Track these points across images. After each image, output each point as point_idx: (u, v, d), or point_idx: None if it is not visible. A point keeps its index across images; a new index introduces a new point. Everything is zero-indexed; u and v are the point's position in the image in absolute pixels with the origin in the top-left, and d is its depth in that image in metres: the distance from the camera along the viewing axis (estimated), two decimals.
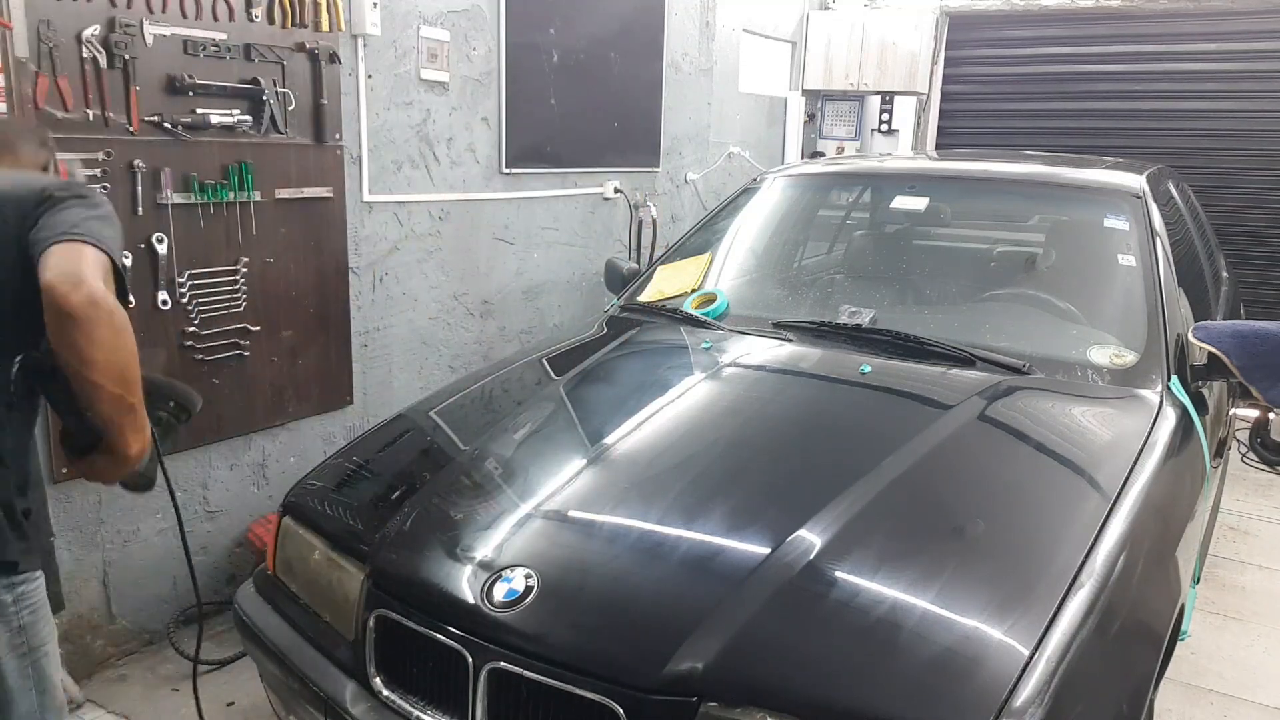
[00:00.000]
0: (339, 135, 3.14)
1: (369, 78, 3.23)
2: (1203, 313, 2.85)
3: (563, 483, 1.87)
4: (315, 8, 2.96)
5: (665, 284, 2.98)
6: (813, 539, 1.61)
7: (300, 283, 3.09)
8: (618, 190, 4.59)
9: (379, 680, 1.69)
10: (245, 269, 2.88)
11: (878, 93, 6.37)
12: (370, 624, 1.70)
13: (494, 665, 1.52)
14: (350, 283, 3.31)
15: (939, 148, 6.61)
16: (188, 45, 2.64)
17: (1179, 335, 2.37)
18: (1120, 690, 1.50)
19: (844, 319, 2.54)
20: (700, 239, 3.20)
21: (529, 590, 1.56)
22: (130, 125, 2.54)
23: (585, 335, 2.78)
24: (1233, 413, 3.01)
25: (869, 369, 2.28)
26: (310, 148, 3.06)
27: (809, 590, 1.52)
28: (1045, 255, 2.88)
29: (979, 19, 6.41)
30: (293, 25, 2.91)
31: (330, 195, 3.13)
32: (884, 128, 6.43)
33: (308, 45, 2.97)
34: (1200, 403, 2.33)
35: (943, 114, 6.65)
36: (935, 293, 2.80)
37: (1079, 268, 2.78)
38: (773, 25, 5.94)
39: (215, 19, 2.71)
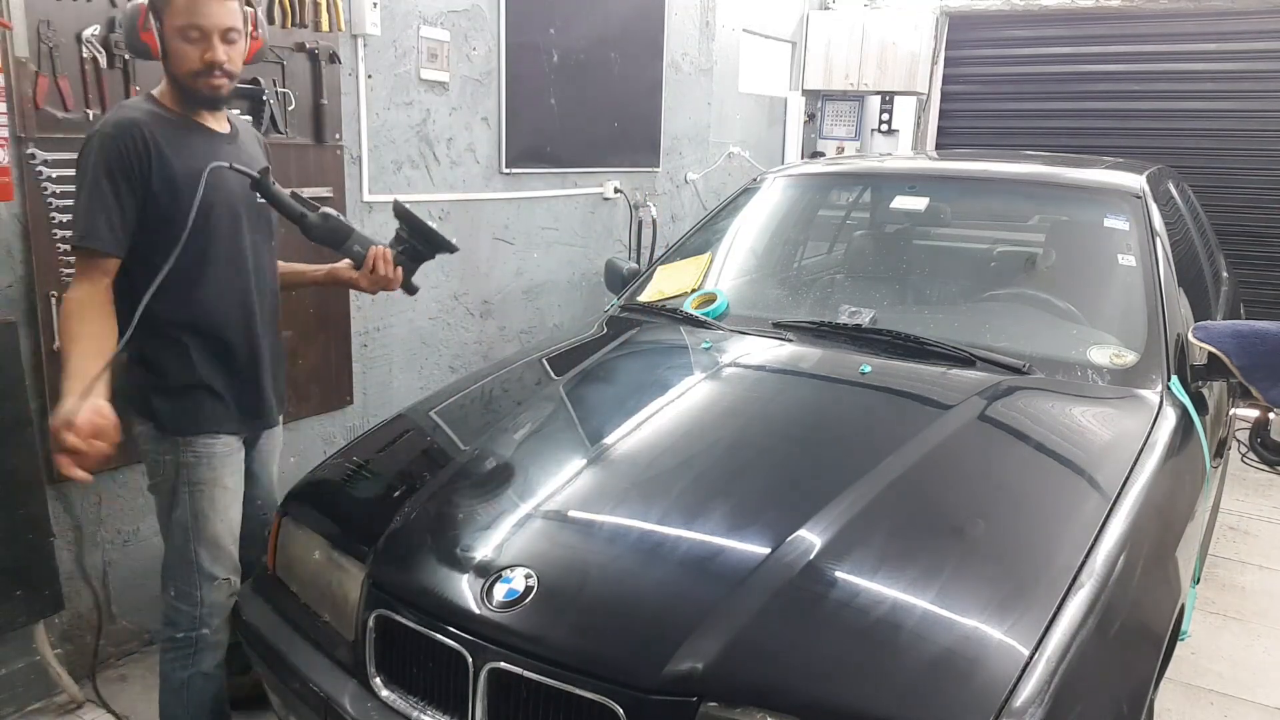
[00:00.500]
0: (339, 135, 3.14)
1: (369, 78, 3.23)
2: (1203, 313, 2.85)
3: (563, 483, 1.87)
4: (315, 8, 2.96)
5: (665, 284, 2.98)
6: (813, 539, 1.61)
7: None
8: (618, 190, 4.60)
9: (379, 680, 1.69)
10: None
11: (878, 93, 6.38)
12: (370, 624, 1.70)
13: (494, 665, 1.52)
14: None
15: (939, 148, 6.61)
16: None
17: (1179, 335, 2.37)
18: (1120, 690, 1.50)
19: (844, 319, 2.54)
20: (700, 239, 3.20)
21: (529, 590, 1.56)
22: None
23: (585, 335, 2.78)
24: (1233, 413, 3.01)
25: (869, 369, 2.28)
26: (310, 147, 3.06)
27: (809, 590, 1.52)
28: (1045, 255, 2.88)
29: (979, 19, 6.41)
30: (293, 25, 2.91)
31: (330, 195, 3.13)
32: (884, 128, 6.43)
33: (308, 45, 2.97)
34: (1200, 403, 2.33)
35: (943, 114, 6.65)
36: (935, 293, 2.80)
37: (1079, 268, 2.78)
38: (773, 25, 5.94)
39: None
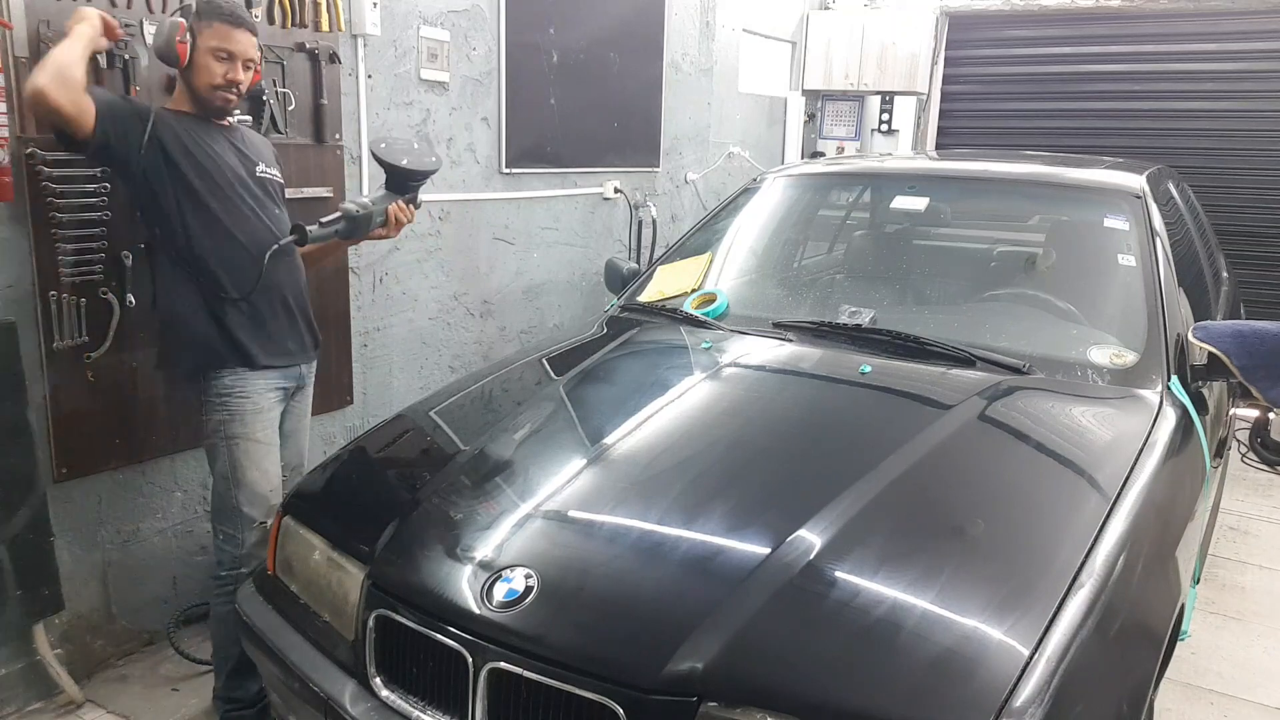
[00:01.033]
0: (339, 135, 3.14)
1: (369, 78, 3.23)
2: (1203, 313, 2.85)
3: (563, 483, 1.87)
4: (315, 8, 2.96)
5: (665, 284, 2.98)
6: (813, 539, 1.61)
7: None
8: (618, 190, 4.60)
9: (379, 680, 1.69)
10: None
11: (878, 93, 6.38)
12: (370, 624, 1.70)
13: (494, 665, 1.52)
14: (350, 283, 3.31)
15: (939, 148, 6.61)
16: None
17: (1179, 335, 2.37)
18: (1120, 690, 1.50)
19: (844, 319, 2.54)
20: (700, 239, 3.20)
21: (529, 590, 1.56)
22: None
23: (585, 335, 2.78)
24: (1233, 413, 3.01)
25: (869, 369, 2.28)
26: (310, 147, 3.06)
27: (809, 590, 1.52)
28: (1045, 255, 2.88)
29: (979, 19, 6.41)
30: (293, 25, 2.91)
31: (330, 195, 3.12)
32: (884, 128, 6.43)
33: (308, 45, 2.97)
34: (1200, 403, 2.33)
35: (943, 114, 6.65)
36: (935, 293, 2.80)
37: (1079, 268, 2.78)
38: (773, 25, 5.94)
39: None
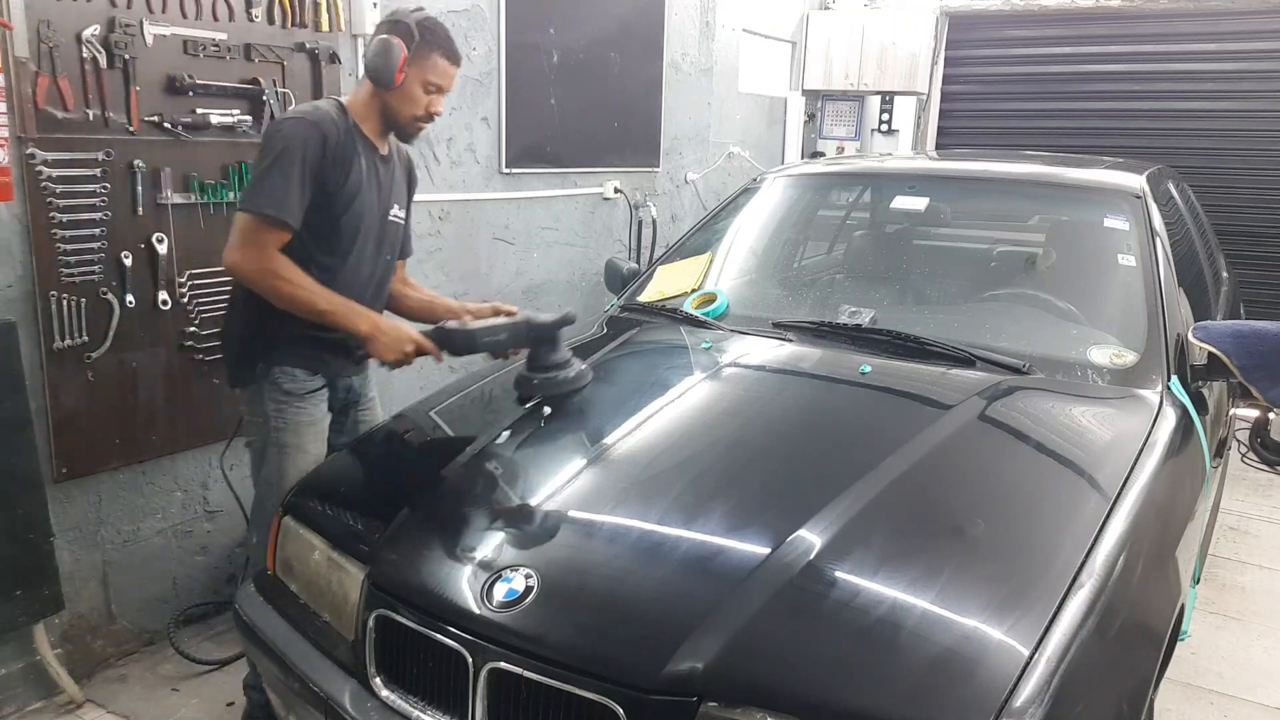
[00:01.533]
0: None
1: None
2: (1203, 313, 2.85)
3: (563, 483, 1.87)
4: (315, 8, 2.96)
5: (665, 284, 2.98)
6: (813, 539, 1.60)
7: None
8: (618, 190, 4.59)
9: (379, 680, 1.69)
10: None
11: (878, 93, 6.38)
12: (370, 624, 1.70)
13: (494, 665, 1.52)
14: None
15: (939, 148, 6.61)
16: (188, 45, 2.64)
17: (1179, 335, 2.37)
18: (1120, 690, 1.50)
19: (844, 319, 2.54)
20: (700, 239, 3.20)
21: (529, 590, 1.56)
22: (130, 125, 2.54)
23: (585, 335, 2.78)
24: (1233, 413, 3.01)
25: (869, 369, 2.28)
26: None
27: (809, 590, 1.52)
28: (1045, 255, 2.88)
29: (979, 19, 6.41)
30: (293, 25, 2.91)
31: None
32: (884, 128, 6.43)
33: (308, 45, 2.97)
34: (1200, 403, 2.33)
35: (943, 114, 6.65)
36: (935, 293, 2.80)
37: (1079, 268, 2.78)
38: (773, 25, 5.94)
39: (215, 19, 2.71)
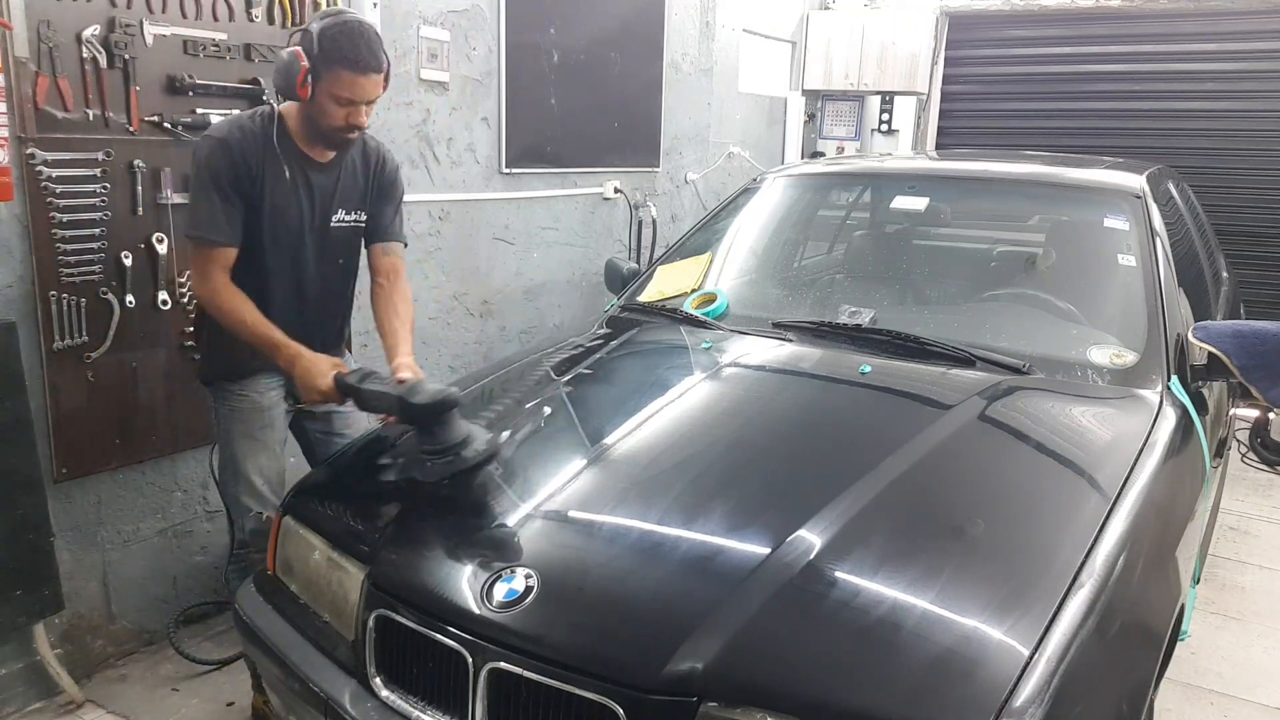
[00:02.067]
0: None
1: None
2: (1203, 313, 2.85)
3: (563, 483, 1.87)
4: (315, 8, 2.96)
5: (665, 284, 2.98)
6: (812, 539, 1.60)
7: None
8: (618, 190, 4.59)
9: (379, 680, 1.69)
10: None
11: (878, 93, 6.38)
12: (370, 624, 1.70)
13: (494, 665, 1.52)
14: None
15: (939, 148, 6.61)
16: (188, 45, 2.64)
17: (1179, 335, 2.37)
18: (1120, 690, 1.50)
19: (844, 319, 2.54)
20: (700, 239, 3.20)
21: (529, 590, 1.56)
22: (130, 125, 2.54)
23: (585, 335, 2.78)
24: (1233, 413, 3.01)
25: (869, 369, 2.28)
26: None
27: (809, 590, 1.52)
28: (1045, 255, 2.88)
29: (979, 19, 6.41)
30: (293, 25, 2.91)
31: None
32: (884, 128, 6.43)
33: None
34: (1200, 403, 2.33)
35: (943, 114, 6.65)
36: (935, 293, 2.80)
37: (1079, 268, 2.78)
38: (773, 25, 5.94)
39: (215, 19, 2.71)
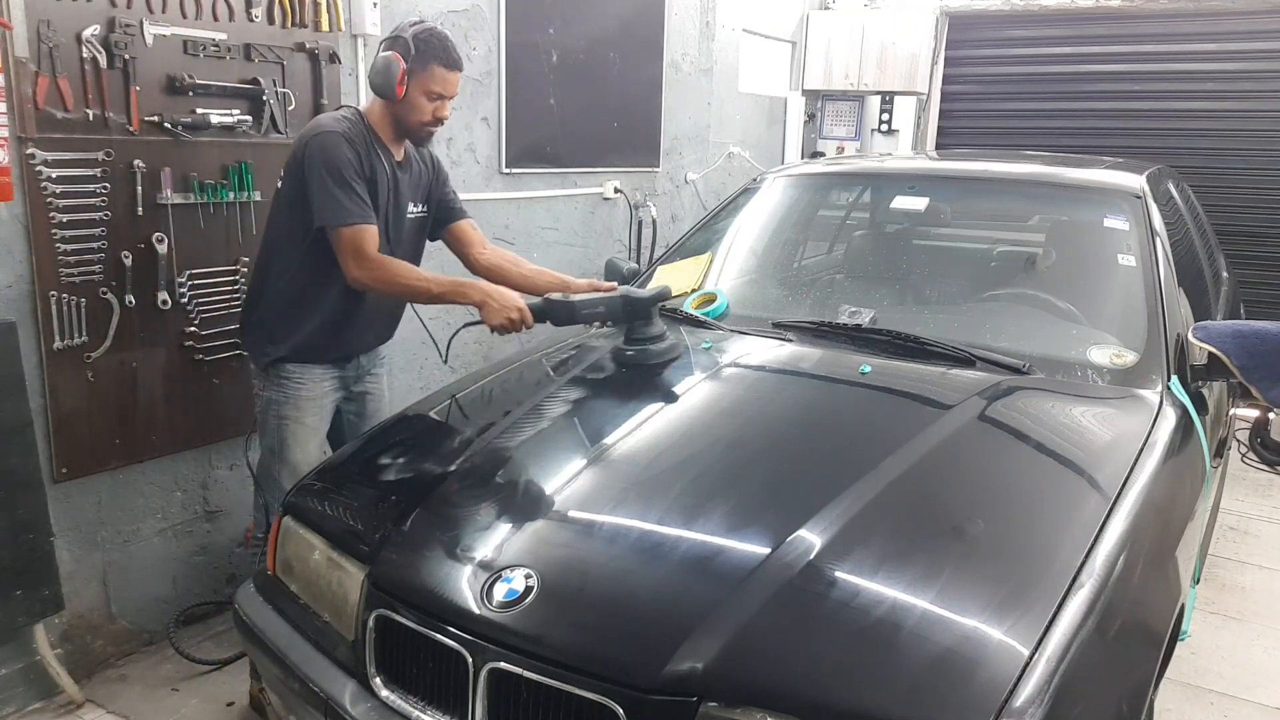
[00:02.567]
0: None
1: None
2: (1203, 313, 2.85)
3: (562, 483, 1.87)
4: (315, 8, 2.96)
5: (665, 284, 2.97)
6: (812, 539, 1.60)
7: None
8: (618, 190, 4.59)
9: (379, 680, 1.69)
10: (245, 269, 2.87)
11: (878, 93, 6.38)
12: (370, 624, 1.70)
13: (494, 665, 1.52)
14: None
15: (939, 148, 6.61)
16: (188, 45, 2.64)
17: (1179, 335, 2.37)
18: (1120, 690, 1.50)
19: (844, 319, 2.54)
20: (700, 239, 3.19)
21: (529, 590, 1.56)
22: (130, 125, 2.54)
23: (585, 335, 2.78)
24: (1233, 413, 3.01)
25: (869, 369, 2.28)
26: None
27: (809, 590, 1.52)
28: (1045, 255, 2.88)
29: (979, 19, 6.41)
30: (293, 25, 2.91)
31: None
32: (884, 128, 6.43)
33: (308, 45, 2.96)
34: (1200, 403, 2.33)
35: (943, 114, 6.65)
36: (935, 293, 2.80)
37: (1079, 268, 2.78)
38: (773, 25, 5.94)
39: (215, 19, 2.71)
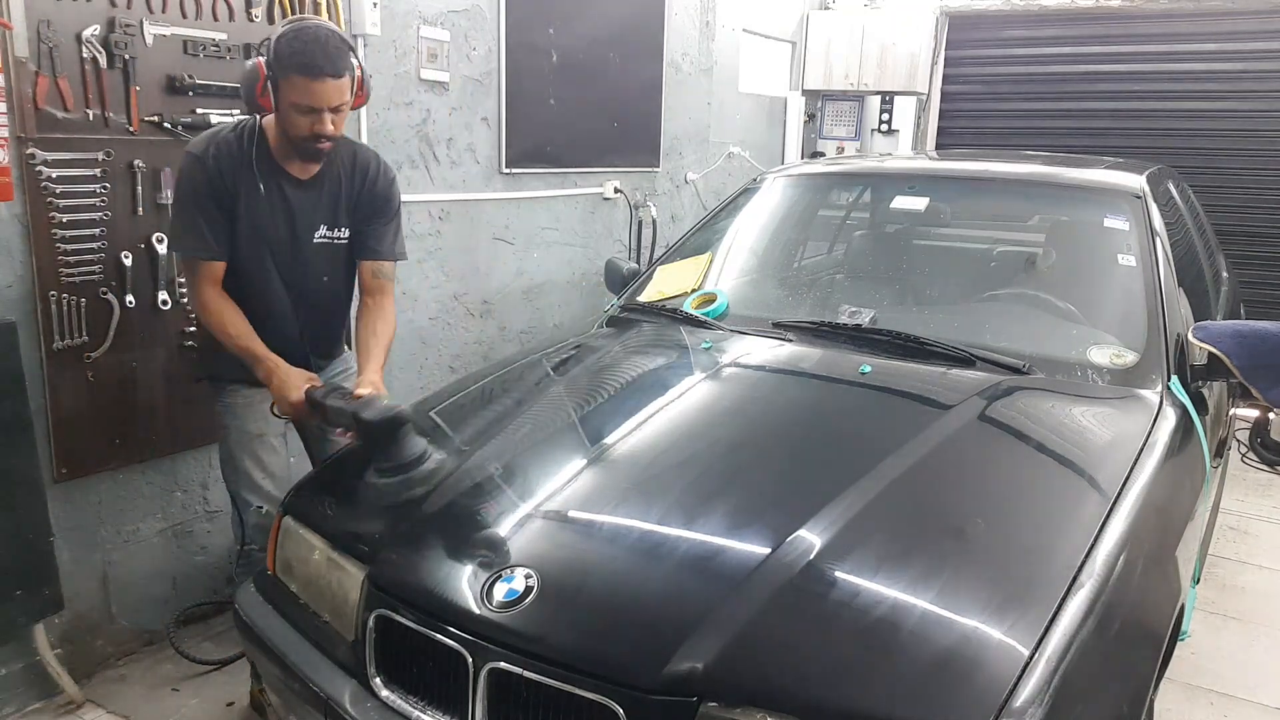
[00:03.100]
0: None
1: (369, 77, 3.22)
2: (1203, 313, 2.85)
3: (563, 483, 1.87)
4: (315, 8, 2.96)
5: (665, 284, 2.98)
6: (813, 539, 1.61)
7: None
8: (618, 190, 4.59)
9: (379, 680, 1.69)
10: None
11: (878, 93, 6.38)
12: (370, 624, 1.70)
13: (494, 665, 1.52)
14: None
15: (939, 148, 6.61)
16: (188, 45, 2.64)
17: (1179, 335, 2.37)
18: (1120, 690, 1.50)
19: (844, 319, 2.54)
20: (700, 239, 3.19)
21: (529, 590, 1.56)
22: (130, 125, 2.54)
23: (585, 335, 2.78)
24: (1233, 413, 3.01)
25: (869, 369, 2.28)
26: None
27: (809, 590, 1.52)
28: (1045, 255, 2.88)
29: (979, 19, 6.41)
30: None
31: None
32: (884, 128, 6.43)
33: None
34: (1200, 403, 2.33)
35: (943, 114, 6.65)
36: (935, 293, 2.80)
37: (1079, 268, 2.78)
38: (773, 25, 5.94)
39: (215, 19, 2.71)
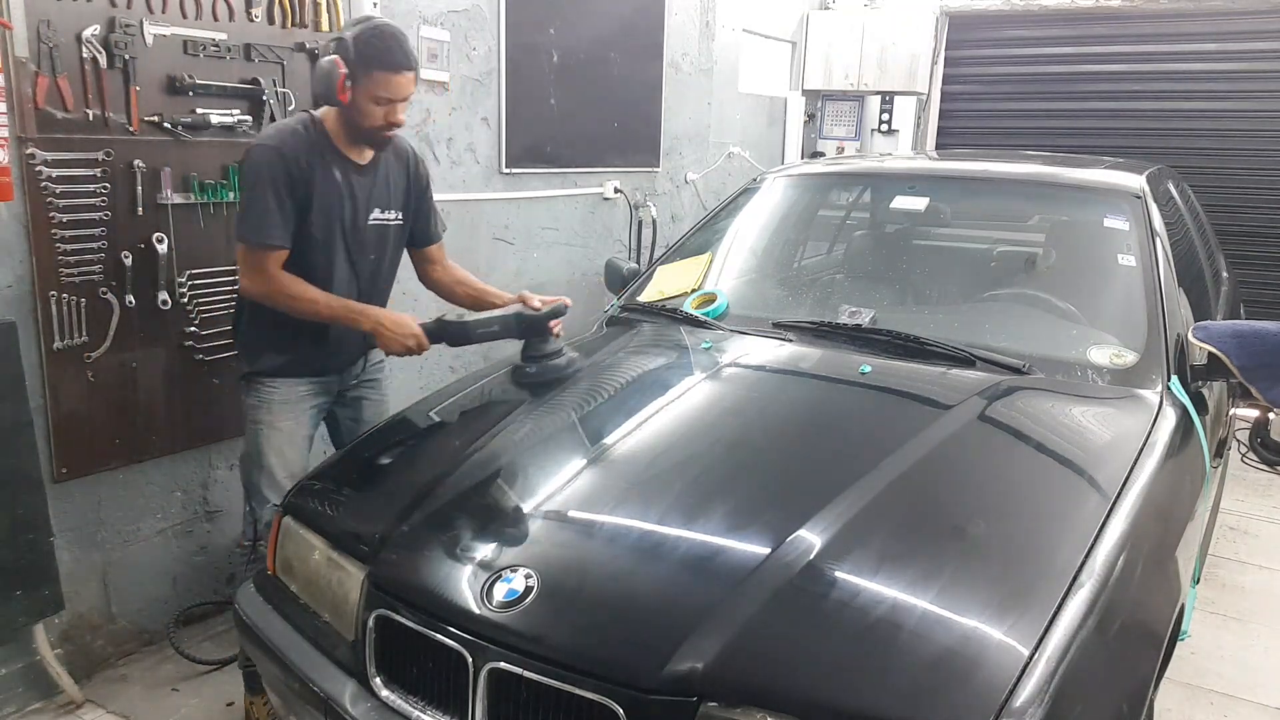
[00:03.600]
0: None
1: None
2: (1203, 313, 2.85)
3: (563, 483, 1.87)
4: (315, 8, 2.96)
5: (665, 284, 2.98)
6: (813, 539, 1.61)
7: None
8: (618, 190, 4.60)
9: (379, 680, 1.69)
10: None
11: (878, 93, 6.38)
12: (370, 624, 1.70)
13: (494, 665, 1.52)
14: None
15: (939, 148, 6.61)
16: (188, 45, 2.64)
17: (1179, 335, 2.37)
18: (1120, 690, 1.50)
19: (844, 319, 2.54)
20: (700, 239, 3.20)
21: (529, 590, 1.56)
22: (130, 125, 2.54)
23: (585, 335, 2.78)
24: (1233, 413, 3.01)
25: (869, 369, 2.28)
26: None
27: (809, 590, 1.52)
28: (1045, 255, 2.88)
29: (979, 19, 6.41)
30: (293, 25, 2.91)
31: None
32: (884, 128, 6.43)
33: (308, 45, 2.96)
34: (1200, 403, 2.33)
35: (943, 114, 6.65)
36: (935, 293, 2.80)
37: (1079, 268, 2.78)
38: (773, 25, 5.94)
39: (215, 19, 2.71)
